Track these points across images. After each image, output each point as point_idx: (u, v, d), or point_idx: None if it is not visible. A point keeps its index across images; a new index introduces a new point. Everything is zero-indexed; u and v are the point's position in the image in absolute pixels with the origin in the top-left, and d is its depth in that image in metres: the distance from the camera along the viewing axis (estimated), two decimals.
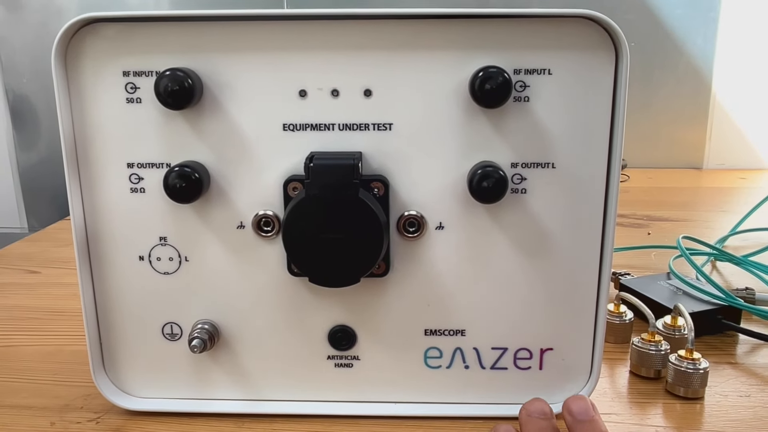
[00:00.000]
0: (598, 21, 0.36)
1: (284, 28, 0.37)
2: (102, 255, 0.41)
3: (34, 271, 0.71)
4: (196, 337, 0.41)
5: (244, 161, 0.39)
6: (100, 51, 0.38)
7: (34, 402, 0.45)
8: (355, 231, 0.37)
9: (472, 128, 0.38)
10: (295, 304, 0.42)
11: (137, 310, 0.42)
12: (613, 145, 0.38)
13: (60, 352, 0.52)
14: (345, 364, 0.43)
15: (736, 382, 0.46)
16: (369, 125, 0.38)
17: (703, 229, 0.84)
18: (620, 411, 0.43)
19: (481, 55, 0.37)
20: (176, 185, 0.38)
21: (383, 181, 0.39)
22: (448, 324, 0.42)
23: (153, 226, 0.40)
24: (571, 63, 0.37)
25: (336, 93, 0.38)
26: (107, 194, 0.40)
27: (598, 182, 0.39)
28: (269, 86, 0.38)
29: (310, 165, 0.37)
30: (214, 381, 0.43)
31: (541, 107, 0.38)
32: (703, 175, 1.20)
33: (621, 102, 0.37)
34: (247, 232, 0.40)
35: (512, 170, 0.39)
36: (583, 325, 0.41)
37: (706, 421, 0.42)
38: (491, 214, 0.40)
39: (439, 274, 0.41)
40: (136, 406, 0.43)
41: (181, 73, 0.37)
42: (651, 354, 0.46)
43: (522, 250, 0.40)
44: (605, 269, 0.40)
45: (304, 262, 0.39)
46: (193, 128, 0.39)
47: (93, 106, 0.39)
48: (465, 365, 0.43)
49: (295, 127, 0.39)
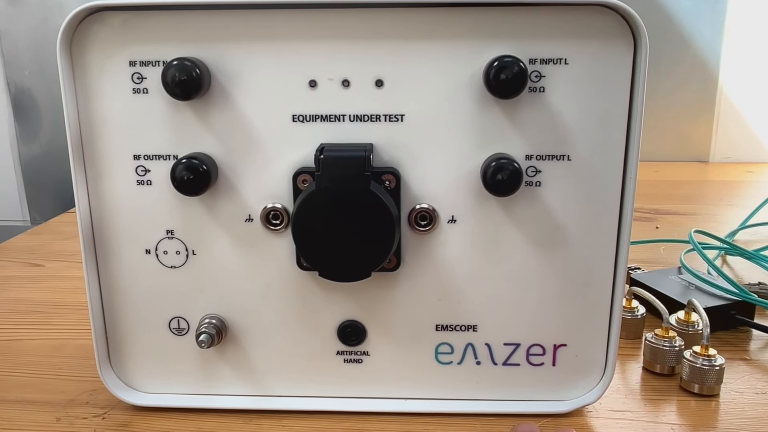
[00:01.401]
0: (616, 9, 0.35)
1: (294, 16, 0.36)
2: (108, 248, 0.40)
3: (37, 264, 0.70)
4: (203, 332, 0.40)
5: (252, 153, 0.38)
6: (106, 40, 0.37)
7: (39, 397, 0.44)
8: (366, 224, 0.37)
9: (486, 119, 0.37)
10: (304, 298, 0.41)
11: (144, 304, 0.41)
12: (631, 137, 0.37)
13: (64, 346, 0.51)
14: (354, 359, 0.42)
15: (751, 379, 0.46)
16: (380, 116, 0.38)
17: (711, 222, 0.83)
18: (634, 408, 0.43)
19: (496, 45, 0.36)
20: (183, 177, 0.37)
21: (395, 173, 0.38)
22: (459, 319, 0.41)
23: (160, 219, 0.40)
24: (588, 52, 0.36)
25: (347, 83, 0.37)
26: (113, 187, 0.39)
27: (614, 175, 0.38)
28: (278, 76, 0.37)
29: (320, 157, 0.36)
30: (221, 376, 0.43)
31: (557, 98, 0.37)
32: (709, 168, 1.19)
33: (639, 93, 0.36)
34: (255, 226, 0.40)
35: (527, 162, 0.38)
36: (598, 320, 0.41)
37: (722, 419, 0.41)
38: (505, 208, 0.39)
39: (451, 269, 0.40)
40: (143, 401, 0.42)
41: (189, 62, 0.36)
42: (665, 350, 0.46)
43: (536, 244, 0.39)
44: (621, 264, 0.39)
45: (313, 256, 0.38)
46: (200, 119, 0.38)
47: (99, 96, 0.38)
48: (477, 361, 0.42)
49: (305, 118, 0.38)
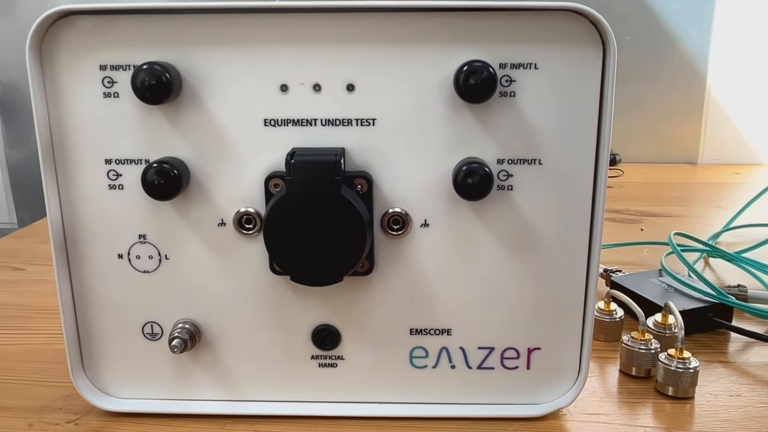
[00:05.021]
0: (585, 14, 0.35)
1: (265, 21, 0.36)
2: (80, 253, 0.40)
3: (18, 268, 0.70)
4: (176, 337, 0.40)
5: (224, 157, 0.38)
6: (76, 44, 0.37)
7: (13, 403, 0.44)
8: (338, 229, 0.37)
9: (457, 123, 0.37)
10: (278, 303, 0.41)
11: (117, 309, 0.41)
12: (601, 141, 0.37)
13: (42, 351, 0.51)
14: (329, 364, 0.42)
15: (726, 381, 0.46)
16: (352, 120, 0.38)
17: (696, 224, 0.84)
18: (609, 411, 0.43)
19: (466, 49, 0.36)
20: (155, 182, 0.37)
21: (366, 177, 0.38)
22: (433, 323, 0.41)
23: (132, 223, 0.40)
24: (557, 57, 0.36)
25: (318, 87, 0.37)
26: (85, 191, 0.39)
27: (585, 178, 0.38)
28: (250, 80, 0.37)
29: (291, 161, 0.36)
30: (195, 381, 0.43)
31: (528, 102, 0.37)
32: (697, 170, 1.19)
33: (609, 97, 0.36)
34: (228, 230, 0.39)
35: (498, 166, 0.38)
36: (571, 323, 0.41)
37: (695, 422, 0.41)
38: (477, 212, 0.39)
39: (425, 273, 0.40)
40: (116, 407, 0.42)
41: (159, 67, 0.36)
42: (641, 353, 0.46)
43: (508, 248, 0.39)
44: (593, 267, 0.39)
45: (285, 260, 0.38)
46: (171, 123, 0.38)
47: (69, 100, 0.38)
48: (451, 365, 0.42)
49: (277, 123, 0.38)
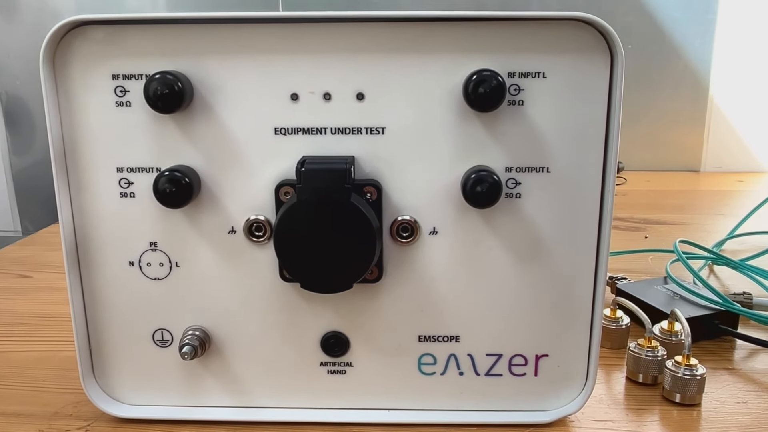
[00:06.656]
0: (592, 24, 0.36)
1: (275, 30, 0.37)
2: (91, 260, 0.41)
3: (25, 276, 0.70)
4: (186, 343, 0.40)
5: (235, 165, 0.39)
6: (89, 54, 0.37)
7: (23, 409, 0.44)
8: (348, 236, 0.37)
9: (466, 132, 0.38)
10: (288, 310, 0.41)
11: (127, 316, 0.41)
12: (609, 149, 0.38)
13: (50, 358, 0.51)
14: (338, 370, 0.42)
15: (733, 388, 0.46)
16: (361, 129, 0.38)
17: (700, 232, 0.84)
18: (616, 418, 0.43)
19: (475, 59, 0.37)
20: (166, 190, 0.37)
21: (376, 185, 0.38)
22: (442, 330, 0.41)
23: (143, 231, 0.40)
24: (565, 66, 0.37)
25: (328, 96, 0.38)
26: (96, 199, 0.39)
27: (593, 186, 0.38)
28: (260, 90, 0.38)
29: (301, 169, 0.36)
30: (205, 388, 0.43)
31: (536, 111, 0.37)
32: (700, 178, 1.20)
33: (616, 105, 0.37)
34: (238, 238, 0.40)
35: (506, 174, 0.38)
36: (579, 331, 0.41)
37: (703, 428, 0.41)
38: (485, 219, 0.39)
39: (433, 280, 0.40)
40: (126, 413, 0.42)
41: (171, 76, 0.36)
42: (647, 360, 0.46)
43: (516, 256, 0.40)
44: (600, 274, 0.40)
45: (295, 267, 0.38)
46: (183, 132, 0.38)
47: (82, 109, 0.38)
48: (459, 372, 0.42)
49: (287, 131, 0.38)
